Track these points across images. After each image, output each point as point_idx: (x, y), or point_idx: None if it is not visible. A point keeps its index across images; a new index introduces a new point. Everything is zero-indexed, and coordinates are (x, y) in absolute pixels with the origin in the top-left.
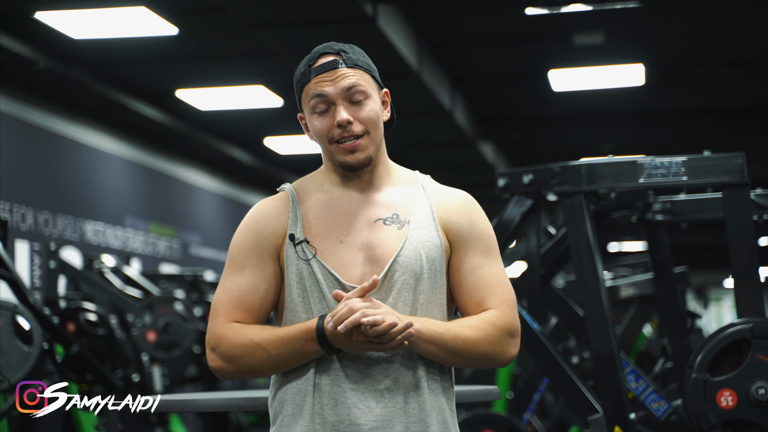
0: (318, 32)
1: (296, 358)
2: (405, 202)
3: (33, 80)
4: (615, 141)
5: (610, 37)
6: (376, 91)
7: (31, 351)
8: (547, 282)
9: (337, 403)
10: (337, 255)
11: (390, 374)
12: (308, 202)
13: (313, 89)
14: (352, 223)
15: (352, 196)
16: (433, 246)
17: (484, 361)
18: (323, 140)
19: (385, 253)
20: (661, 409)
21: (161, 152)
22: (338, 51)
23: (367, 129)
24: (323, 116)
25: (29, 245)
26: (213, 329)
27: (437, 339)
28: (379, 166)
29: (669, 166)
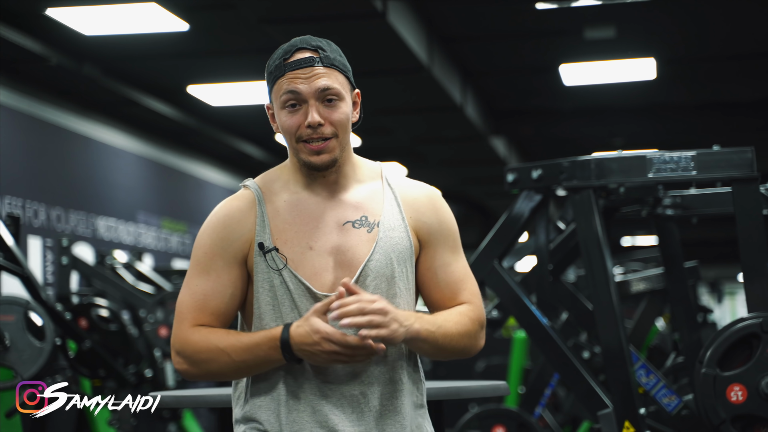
0: (328, 28)
1: (259, 365)
2: (372, 201)
3: (44, 76)
4: (627, 135)
5: (621, 32)
6: (348, 93)
7: (43, 347)
8: (557, 277)
9: (315, 411)
10: (308, 262)
11: (364, 379)
12: (275, 203)
13: (287, 85)
14: (321, 226)
15: (318, 197)
16: (403, 248)
17: (461, 354)
18: (290, 137)
19: (356, 257)
20: (672, 404)
21: (173, 148)
22: (315, 48)
23: (336, 132)
24: (293, 113)
25: (42, 241)
26: (178, 333)
27: (431, 338)
28: (345, 165)
29: (678, 160)
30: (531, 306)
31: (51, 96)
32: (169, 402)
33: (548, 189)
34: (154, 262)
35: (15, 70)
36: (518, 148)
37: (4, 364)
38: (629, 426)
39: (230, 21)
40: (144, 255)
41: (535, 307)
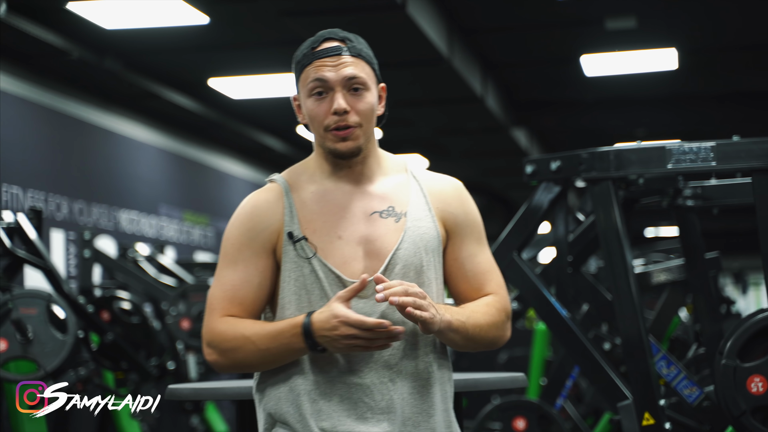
0: (347, 20)
1: (283, 354)
2: (399, 192)
3: (66, 70)
4: (650, 126)
5: (642, 22)
6: (374, 85)
7: (65, 339)
8: (577, 268)
9: (342, 399)
10: (337, 251)
11: (393, 366)
12: (301, 194)
13: (314, 73)
14: (348, 216)
15: (345, 188)
16: (431, 237)
17: (490, 345)
18: (317, 125)
19: (384, 246)
20: (693, 395)
21: (195, 141)
22: (343, 38)
23: (361, 121)
24: (320, 101)
25: (64, 234)
26: (207, 324)
27: (462, 329)
28: (369, 157)
29: (698, 151)
30: (550, 298)
31: (73, 90)
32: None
33: (567, 180)
34: (176, 254)
35: (37, 65)
36: (540, 139)
37: (27, 357)
38: (649, 417)
39: (250, 14)
40: (166, 248)
41: (555, 299)
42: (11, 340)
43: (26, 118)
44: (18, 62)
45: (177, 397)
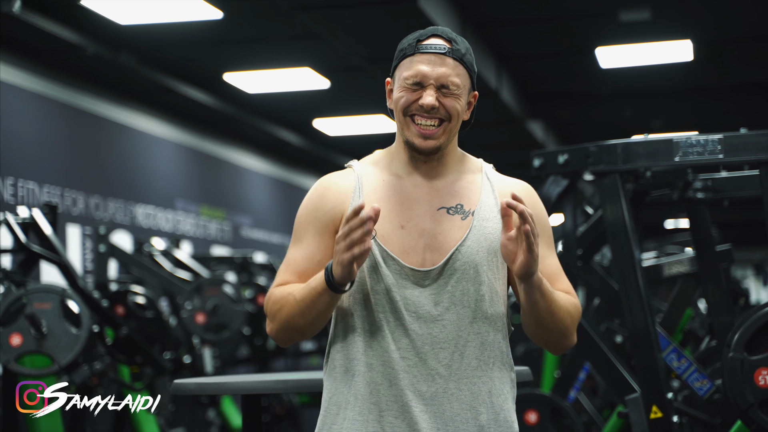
0: (359, 13)
1: (313, 300)
2: (469, 191)
3: (81, 66)
4: (666, 118)
5: (657, 13)
6: (466, 92)
7: (79, 334)
8: (587, 262)
9: (391, 385)
10: (397, 239)
11: (443, 360)
12: (374, 182)
13: (414, 65)
14: (415, 209)
15: (417, 181)
16: (496, 238)
17: (562, 333)
18: (400, 111)
19: (447, 242)
20: (704, 388)
21: (211, 135)
22: (450, 39)
23: (446, 119)
24: (411, 92)
25: (81, 229)
26: (267, 294)
27: (548, 295)
28: (447, 155)
29: (705, 143)
30: None
31: (88, 85)
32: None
33: (575, 173)
34: (192, 249)
35: (52, 61)
36: (556, 131)
37: (41, 352)
38: (657, 410)
39: (263, 8)
40: (182, 242)
41: None
42: (26, 335)
43: (42, 114)
44: (33, 58)
45: (182, 392)
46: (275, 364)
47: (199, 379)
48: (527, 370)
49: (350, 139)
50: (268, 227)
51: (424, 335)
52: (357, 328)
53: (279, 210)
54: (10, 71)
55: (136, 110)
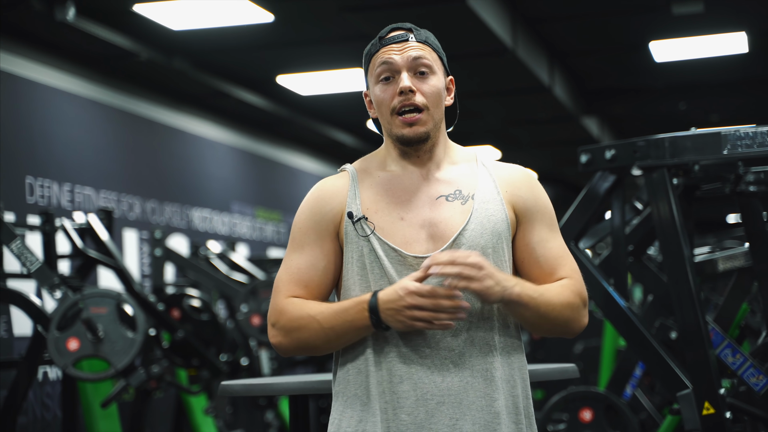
0: (407, 14)
1: (347, 332)
2: (467, 178)
3: (136, 72)
4: (722, 111)
5: (710, 6)
6: (441, 71)
7: (135, 338)
8: (638, 258)
9: (402, 380)
10: (398, 231)
11: (455, 348)
12: (369, 179)
13: (381, 57)
14: (413, 200)
15: (412, 174)
16: (499, 220)
17: (564, 327)
18: (384, 110)
19: (449, 228)
20: (761, 384)
21: (265, 138)
22: (410, 27)
23: (428, 104)
24: (387, 85)
25: (138, 234)
26: (273, 305)
27: (532, 304)
28: (437, 145)
29: (754, 136)
30: (608, 288)
31: (143, 91)
32: (239, 390)
33: (623, 169)
34: (249, 251)
35: (107, 67)
36: (611, 127)
37: (98, 356)
38: (709, 407)
39: (312, 10)
40: (238, 245)
41: (613, 289)
42: (83, 340)
43: (97, 119)
44: (88, 65)
45: (229, 394)
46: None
47: (246, 380)
48: (573, 368)
49: None
50: None
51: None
52: None
53: None
54: (66, 78)
55: (191, 114)
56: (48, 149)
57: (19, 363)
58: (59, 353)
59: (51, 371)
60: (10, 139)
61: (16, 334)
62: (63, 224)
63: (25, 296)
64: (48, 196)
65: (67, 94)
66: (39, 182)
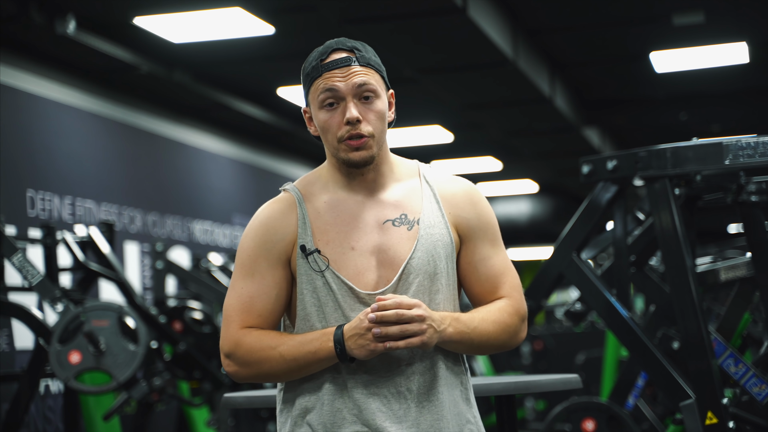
0: (407, 25)
1: (309, 364)
2: (411, 199)
3: (136, 85)
4: (724, 121)
5: (710, 17)
6: (384, 92)
7: (137, 350)
8: (640, 268)
9: (360, 410)
10: (350, 262)
11: (409, 375)
12: (315, 204)
13: (324, 84)
14: (361, 226)
15: (357, 197)
16: (444, 244)
17: (499, 349)
18: (330, 137)
19: (398, 256)
20: (763, 393)
21: (266, 150)
22: (351, 48)
23: (374, 131)
24: (332, 112)
25: (139, 247)
26: (228, 335)
27: (466, 339)
28: (382, 164)
29: (755, 146)
30: (611, 298)
31: (143, 103)
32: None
33: (624, 179)
34: None
35: (108, 80)
36: (612, 138)
37: (99, 368)
38: (712, 416)
39: (313, 23)
40: None
41: (615, 299)
42: (84, 352)
43: (98, 132)
44: (88, 78)
45: (231, 405)
46: None
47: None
48: (577, 378)
49: (405, 150)
50: None
51: (389, 355)
52: None
53: None
54: (66, 91)
55: (192, 127)
56: (49, 162)
57: (21, 376)
58: (61, 366)
59: (53, 384)
60: (11, 152)
61: (17, 347)
62: (64, 237)
63: (27, 309)
64: (49, 209)
65: (68, 107)
66: (40, 195)
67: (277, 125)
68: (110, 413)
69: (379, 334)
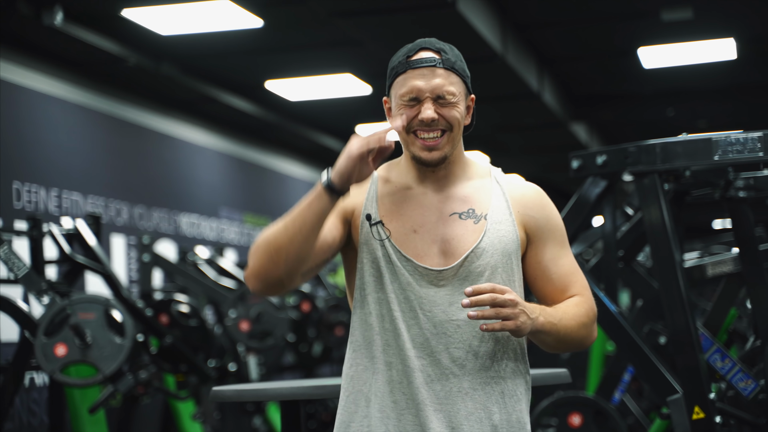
0: (397, 19)
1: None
2: (480, 196)
3: (124, 77)
4: (711, 117)
5: (699, 12)
6: (463, 97)
7: (123, 343)
8: (628, 263)
9: (408, 383)
10: (410, 243)
11: (457, 360)
12: (387, 187)
13: (407, 81)
14: (427, 215)
15: (427, 190)
16: (510, 240)
17: (578, 345)
18: (403, 129)
19: (461, 246)
20: (749, 388)
21: (254, 143)
22: (438, 50)
23: (448, 128)
24: (410, 109)
25: (125, 239)
26: None
27: (554, 331)
28: (454, 163)
29: (745, 142)
30: (599, 293)
31: (130, 95)
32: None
33: (614, 174)
34: (237, 257)
35: (95, 72)
36: (599, 133)
37: (86, 361)
38: (699, 411)
39: (302, 16)
40: (226, 250)
41: (603, 294)
42: (70, 345)
43: (85, 125)
44: (75, 70)
45: (221, 399)
46: (321, 370)
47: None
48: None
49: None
50: None
51: (439, 334)
52: (375, 327)
53: None
54: (53, 83)
55: (179, 120)
56: (35, 154)
57: (6, 369)
58: (47, 359)
59: (38, 377)
60: None
61: (2, 339)
62: (50, 229)
63: (12, 302)
64: (35, 201)
65: (55, 99)
66: (26, 187)
67: (265, 118)
68: (96, 406)
69: (476, 317)
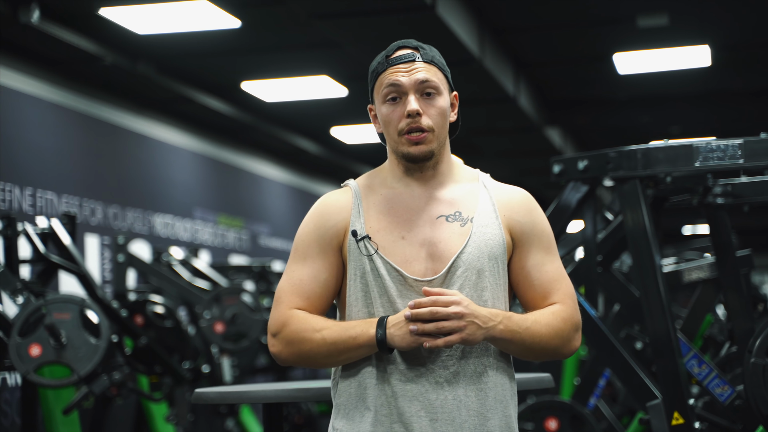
0: (376, 22)
1: (349, 349)
2: (467, 199)
3: (99, 76)
4: (684, 123)
5: (674, 19)
6: (446, 90)
7: (98, 344)
8: (606, 268)
9: (398, 396)
10: (399, 250)
11: (450, 367)
12: (371, 197)
13: (388, 78)
14: (414, 219)
15: (414, 191)
16: (496, 244)
17: (552, 354)
18: (392, 131)
19: (448, 249)
20: (725, 394)
21: (229, 144)
22: (416, 46)
23: (433, 126)
24: (394, 106)
25: (99, 239)
26: (276, 315)
27: (516, 339)
28: (441, 163)
29: (725, 149)
30: (579, 298)
31: (106, 95)
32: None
33: (595, 179)
34: (211, 258)
35: (70, 70)
36: (574, 138)
37: (60, 362)
38: (678, 417)
39: (281, 17)
40: (201, 251)
41: (583, 299)
42: (45, 346)
43: (60, 123)
44: (51, 68)
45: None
46: (293, 372)
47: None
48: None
49: (368, 147)
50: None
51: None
52: None
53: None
54: (29, 81)
55: (155, 119)
56: (9, 153)
57: None
58: (21, 359)
59: (10, 377)
60: None
61: None
62: (25, 229)
63: None
64: (9, 200)
65: (30, 97)
66: (0, 186)
67: (241, 119)
68: (70, 407)
69: (416, 331)
